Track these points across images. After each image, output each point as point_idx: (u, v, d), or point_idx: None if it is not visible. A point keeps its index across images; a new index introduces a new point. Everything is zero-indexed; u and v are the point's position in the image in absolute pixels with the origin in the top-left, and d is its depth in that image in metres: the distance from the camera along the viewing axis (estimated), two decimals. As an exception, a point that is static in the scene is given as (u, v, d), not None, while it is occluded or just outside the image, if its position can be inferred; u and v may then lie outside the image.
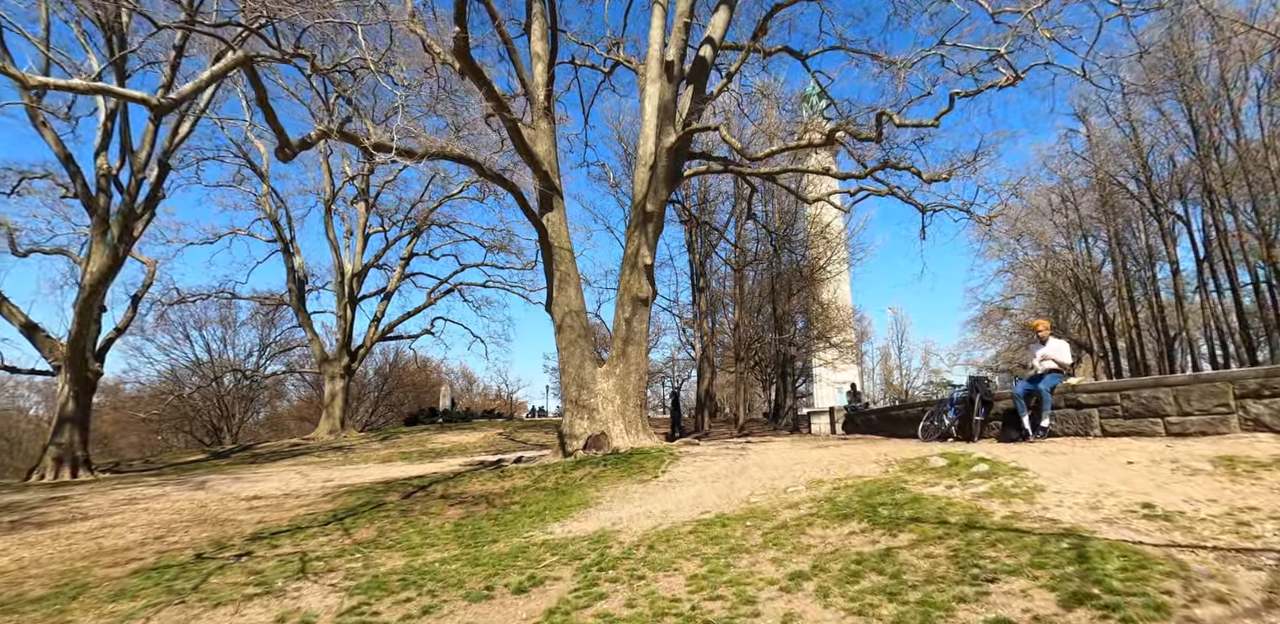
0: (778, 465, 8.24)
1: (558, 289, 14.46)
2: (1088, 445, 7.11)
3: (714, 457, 10.13)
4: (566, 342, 14.30)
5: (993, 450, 7.30)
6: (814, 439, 13.79)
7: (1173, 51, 24.20)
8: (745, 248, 23.62)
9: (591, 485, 8.69)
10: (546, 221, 14.48)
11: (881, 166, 12.93)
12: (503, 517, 7.40)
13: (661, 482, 8.21)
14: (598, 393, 14.12)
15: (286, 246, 28.62)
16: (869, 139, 10.74)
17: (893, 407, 12.38)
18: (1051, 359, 8.72)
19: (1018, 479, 5.13)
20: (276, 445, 28.32)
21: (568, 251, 14.65)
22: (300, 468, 17.56)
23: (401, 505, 8.94)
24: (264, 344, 35.79)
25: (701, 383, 25.11)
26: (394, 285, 30.71)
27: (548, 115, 15.07)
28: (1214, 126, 23.65)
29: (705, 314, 26.26)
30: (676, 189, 17.25)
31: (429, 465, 15.82)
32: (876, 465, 6.97)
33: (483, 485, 10.04)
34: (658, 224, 15.04)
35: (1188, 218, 25.57)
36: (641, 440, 14.16)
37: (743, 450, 11.39)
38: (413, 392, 41.30)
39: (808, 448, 10.32)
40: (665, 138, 14.12)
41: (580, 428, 13.77)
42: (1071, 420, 8.31)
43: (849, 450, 9.07)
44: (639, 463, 9.99)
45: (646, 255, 14.78)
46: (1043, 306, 34.16)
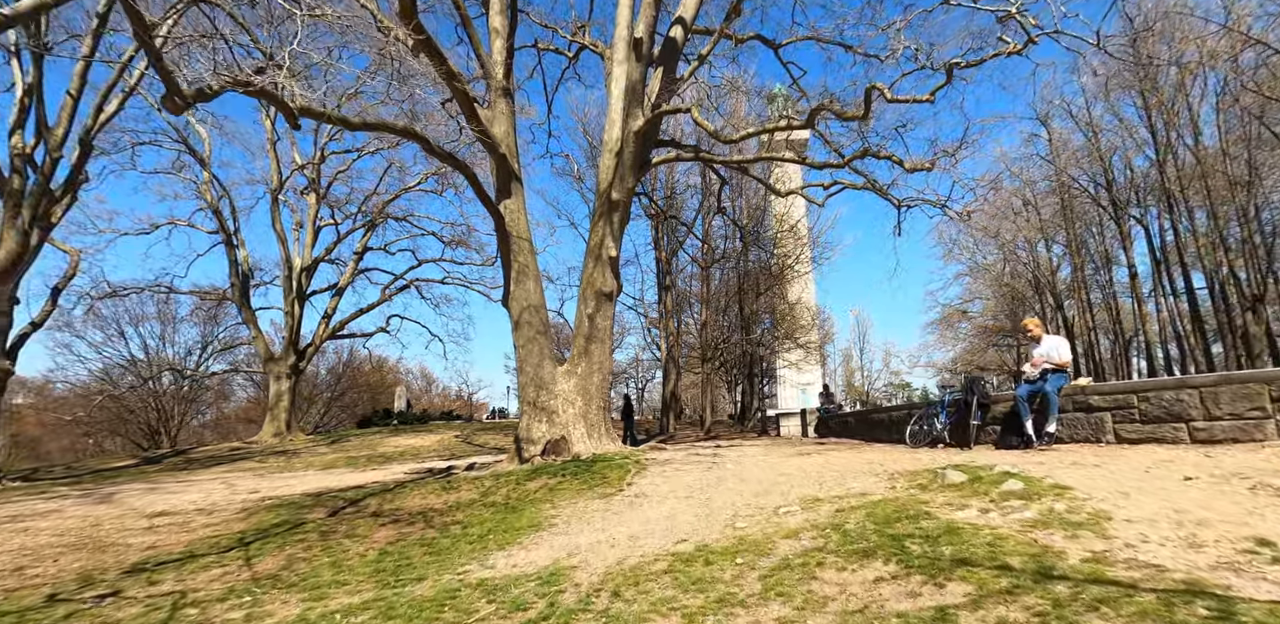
0: (759, 477, 7.14)
1: (515, 282, 13.18)
2: (1111, 454, 6.18)
3: (684, 465, 9.00)
4: (524, 338, 13.03)
5: (1004, 460, 6.32)
6: (788, 443, 12.79)
7: (1133, 55, 24.09)
8: (713, 244, 22.64)
9: (547, 500, 7.47)
10: (504, 209, 13.19)
11: (861, 154, 12.01)
12: (439, 542, 6.12)
13: (627, 496, 7.03)
14: (558, 394, 12.88)
15: (230, 238, 26.59)
16: (854, 118, 9.79)
17: (873, 409, 11.45)
18: (1050, 358, 7.82)
19: (1068, 501, 4.11)
20: (215, 450, 26.23)
21: (526, 242, 13.38)
22: (232, 476, 15.86)
23: (325, 525, 7.58)
24: (205, 342, 33.47)
25: (667, 384, 24.02)
26: (346, 281, 28.88)
27: (506, 95, 13.78)
28: (1171, 131, 23.58)
29: (671, 313, 25.20)
30: (644, 178, 16.11)
31: (373, 473, 14.34)
32: (877, 479, 5.92)
33: (423, 499, 8.72)
34: (624, 214, 13.88)
35: (1145, 222, 25.52)
36: (605, 445, 12.96)
37: (715, 456, 10.28)
38: (367, 392, 39.26)
39: (787, 455, 9.26)
40: (633, 121, 12.98)
41: (538, 432, 12.52)
42: (1081, 425, 7.41)
43: (835, 459, 8.03)
44: (601, 472, 8.79)
45: (611, 247, 13.60)
46: (1002, 310, 34.07)
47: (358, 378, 38.54)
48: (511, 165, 13.35)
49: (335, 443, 25.66)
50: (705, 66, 18.72)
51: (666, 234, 22.99)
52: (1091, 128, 26.03)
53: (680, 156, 13.71)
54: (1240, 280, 21.64)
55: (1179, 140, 23.29)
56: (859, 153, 12.11)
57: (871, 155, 12.01)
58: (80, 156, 18.88)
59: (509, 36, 14.12)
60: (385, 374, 40.45)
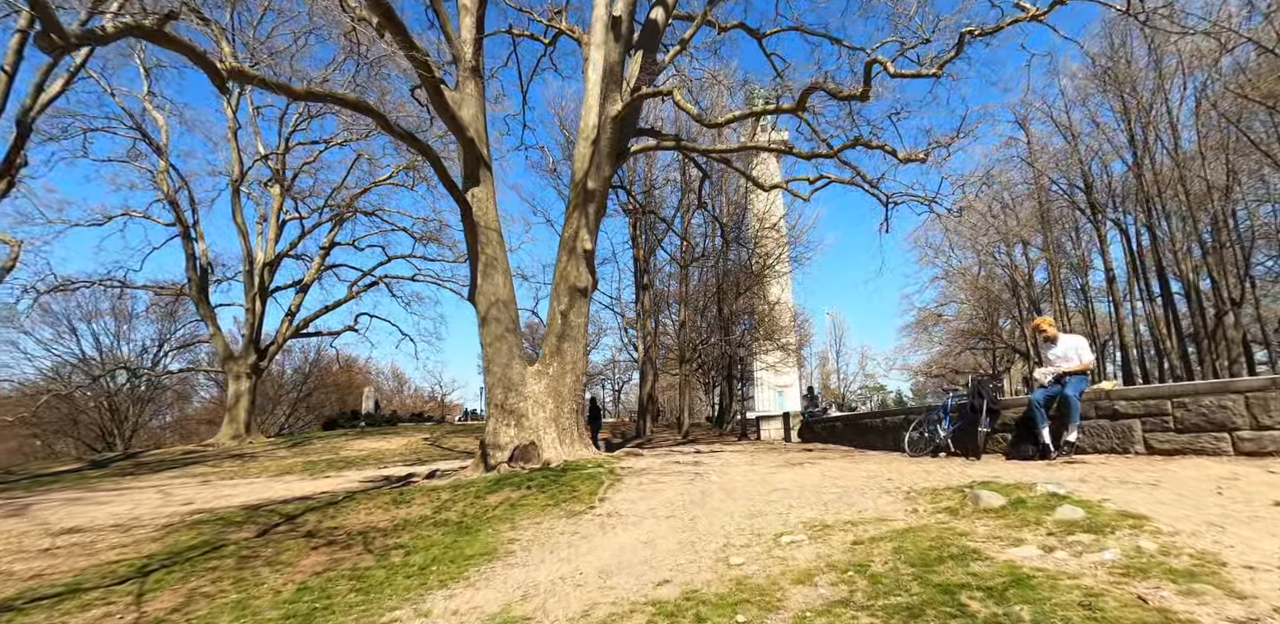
0: (750, 492, 6.19)
1: (483, 275, 12.11)
2: (1153, 469, 5.34)
3: (663, 476, 8.03)
4: (492, 336, 11.97)
5: (1031, 474, 5.45)
6: (773, 449, 11.89)
7: (1112, 58, 23.78)
8: (693, 242, 21.73)
9: (507, 519, 6.43)
10: (471, 197, 12.12)
11: (852, 144, 11.18)
12: (371, 574, 5.06)
13: (599, 515, 6.03)
14: (527, 396, 11.84)
15: (187, 231, 25.01)
16: (851, 97, 8.94)
17: (865, 413, 10.60)
18: (1070, 359, 6.97)
19: (1152, 537, 3.22)
20: (168, 453, 24.60)
21: (495, 232, 12.32)
22: (175, 483, 14.50)
23: (247, 548, 6.45)
24: (162, 339, 31.64)
25: (644, 386, 23.03)
26: (312, 277, 27.43)
27: (476, 76, 12.72)
28: (1150, 134, 23.28)
29: (649, 313, 24.23)
30: (621, 169, 15.14)
31: (327, 481, 13.13)
32: (891, 498, 5.00)
33: (369, 515, 7.62)
34: (600, 205, 12.89)
35: (1123, 226, 25.22)
36: (578, 451, 11.94)
37: (696, 465, 9.33)
38: (335, 393, 37.63)
39: (776, 464, 8.34)
40: (610, 106, 11.98)
41: (506, 437, 11.46)
42: (1105, 434, 6.58)
43: (832, 470, 7.11)
44: (571, 484, 7.78)
45: (586, 239, 12.60)
46: (977, 313, 33.70)
47: (325, 378, 36.90)
48: (480, 151, 12.29)
49: (296, 446, 24.21)
50: (687, 59, 17.86)
51: (645, 231, 22.03)
52: (1070, 131, 25.70)
53: (660, 145, 12.77)
54: (1217, 285, 21.33)
55: (1157, 143, 23.00)
56: (849, 142, 11.28)
57: (863, 145, 11.18)
58: (18, 138, 17.36)
59: (479, 12, 13.06)
60: (354, 374, 38.82)
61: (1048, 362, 7.14)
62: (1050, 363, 7.07)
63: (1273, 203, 22.86)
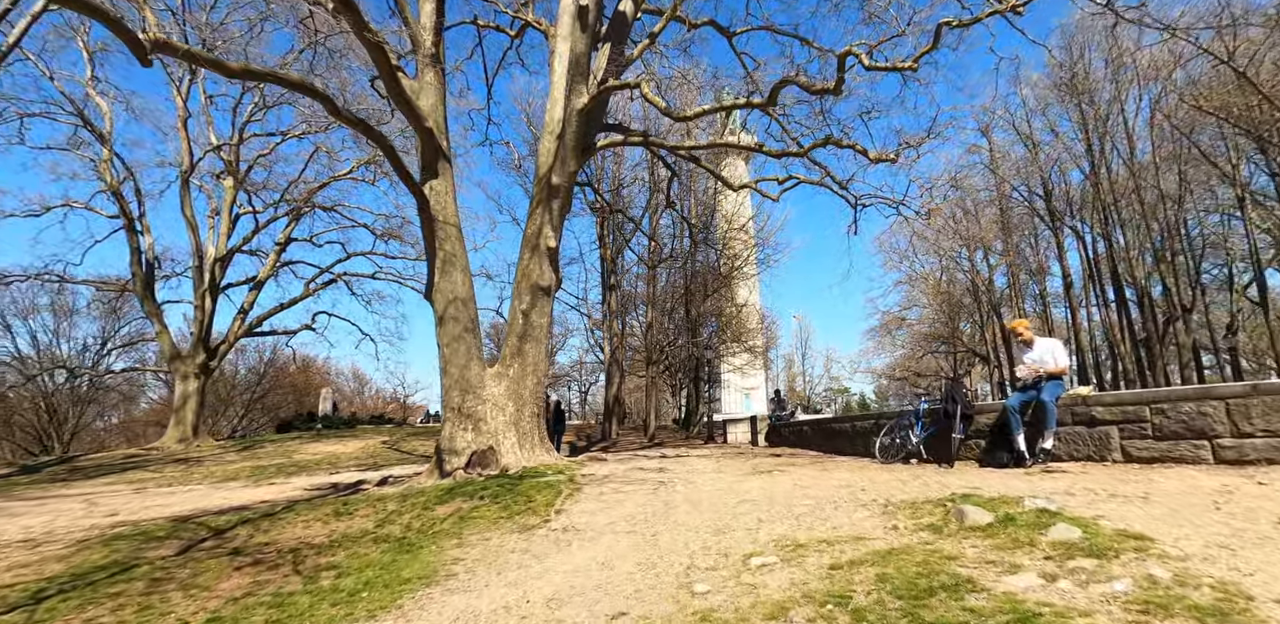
0: (716, 503, 5.77)
1: (440, 272, 11.51)
2: (1136, 479, 5.07)
3: (626, 485, 7.56)
4: (450, 336, 11.38)
5: (1013, 485, 5.14)
6: (739, 454, 11.51)
7: (1070, 69, 24.15)
8: (661, 242, 21.34)
9: (454, 534, 5.90)
10: (429, 190, 11.52)
11: (823, 143, 10.89)
12: (296, 600, 4.49)
13: (554, 530, 5.54)
14: (486, 399, 11.28)
15: (132, 224, 23.67)
16: (824, 92, 8.62)
17: (833, 418, 10.30)
18: (1045, 364, 6.71)
19: (1161, 562, 2.88)
20: (108, 457, 23.24)
21: (454, 227, 11.72)
22: (106, 490, 13.50)
23: (162, 568, 5.79)
24: (105, 337, 30.00)
25: (610, 388, 22.54)
26: (267, 273, 26.26)
27: (435, 65, 12.11)
28: (1107, 144, 23.69)
29: (615, 314, 23.77)
30: (588, 166, 14.67)
31: (271, 488, 12.34)
32: (867, 513, 4.62)
33: (306, 528, 6.99)
34: (565, 201, 12.39)
35: (1080, 233, 25.64)
36: (538, 456, 11.41)
37: (661, 472, 8.88)
38: (292, 394, 36.20)
39: (743, 472, 7.94)
40: (576, 98, 11.49)
41: (462, 442, 10.88)
42: (1081, 441, 6.33)
43: (803, 479, 6.74)
44: (527, 494, 7.26)
45: (550, 236, 12.09)
46: (939, 318, 34.03)
47: (281, 378, 35.48)
48: (439, 142, 11.69)
49: (247, 450, 23.08)
50: (656, 57, 17.47)
51: (612, 231, 21.57)
52: (1031, 140, 26.07)
53: (627, 141, 12.33)
54: (1169, 291, 21.76)
55: (1113, 152, 23.42)
56: (820, 141, 11.00)
57: (834, 144, 10.90)
58: (-61, 120, 16.12)
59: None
60: (312, 375, 37.43)
61: (1023, 364, 6.88)
62: (1025, 365, 6.82)
63: (1221, 213, 23.47)
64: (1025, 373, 6.71)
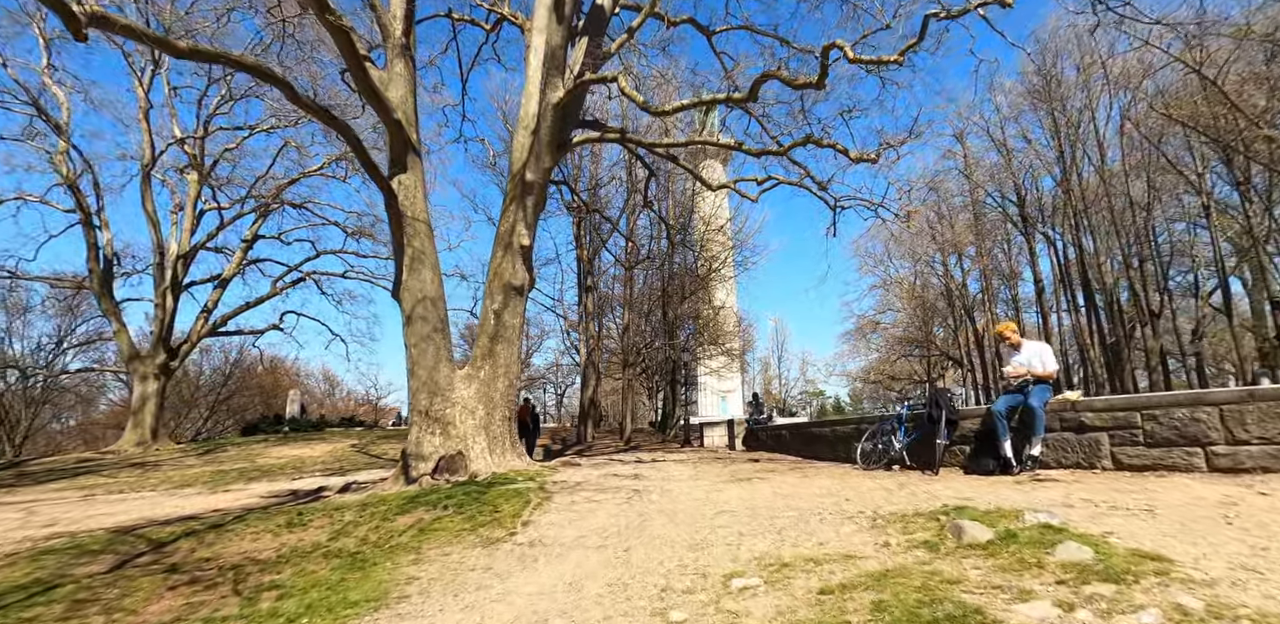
0: (693, 514, 5.42)
1: (409, 270, 11.03)
2: (1133, 488, 4.82)
3: (599, 493, 7.17)
4: (418, 337, 10.89)
5: (1001, 494, 4.86)
6: (717, 458, 11.18)
7: (1043, 76, 24.36)
8: (638, 243, 20.98)
9: (412, 548, 5.46)
10: (398, 185, 11.02)
11: (803, 142, 10.65)
12: (227, 627, 4.02)
13: (519, 545, 5.13)
14: (455, 402, 10.81)
15: (88, 218, 22.68)
16: (807, 86, 8.34)
17: (812, 422, 10.02)
18: (1033, 368, 6.47)
19: (1191, 588, 2.58)
20: (60, 461, 22.16)
21: (423, 224, 11.24)
22: (49, 498, 12.71)
23: (88, 588, 5.25)
24: (61, 336, 28.73)
25: (585, 390, 22.09)
26: (232, 271, 25.36)
27: (405, 55, 11.63)
28: (1077, 151, 23.92)
29: (592, 316, 23.35)
30: (563, 159, 14.27)
31: (227, 495, 11.69)
32: (855, 526, 4.30)
33: (254, 541, 6.48)
34: (539, 198, 11.98)
35: (1052, 239, 25.88)
36: (509, 462, 10.96)
37: (636, 479, 8.51)
38: (259, 396, 35.09)
39: (722, 479, 7.60)
40: (552, 92, 11.13)
41: (430, 446, 10.40)
42: (1070, 447, 6.10)
43: (783, 486, 6.41)
44: (494, 503, 6.84)
45: (524, 234, 11.66)
46: (913, 322, 34.18)
47: (249, 380, 34.36)
48: (408, 135, 11.20)
49: (208, 453, 22.19)
50: (635, 55, 17.16)
51: (589, 231, 21.17)
52: (1004, 146, 26.26)
53: (604, 137, 11.97)
54: (1137, 297, 22.00)
55: (1084, 159, 23.65)
56: (800, 140, 10.75)
57: (814, 143, 10.66)
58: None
59: (411, -14, 11.98)
60: (280, 376, 36.30)
61: (1010, 368, 6.62)
62: (1011, 368, 6.57)
63: (1187, 221, 23.83)
64: (1012, 375, 6.47)
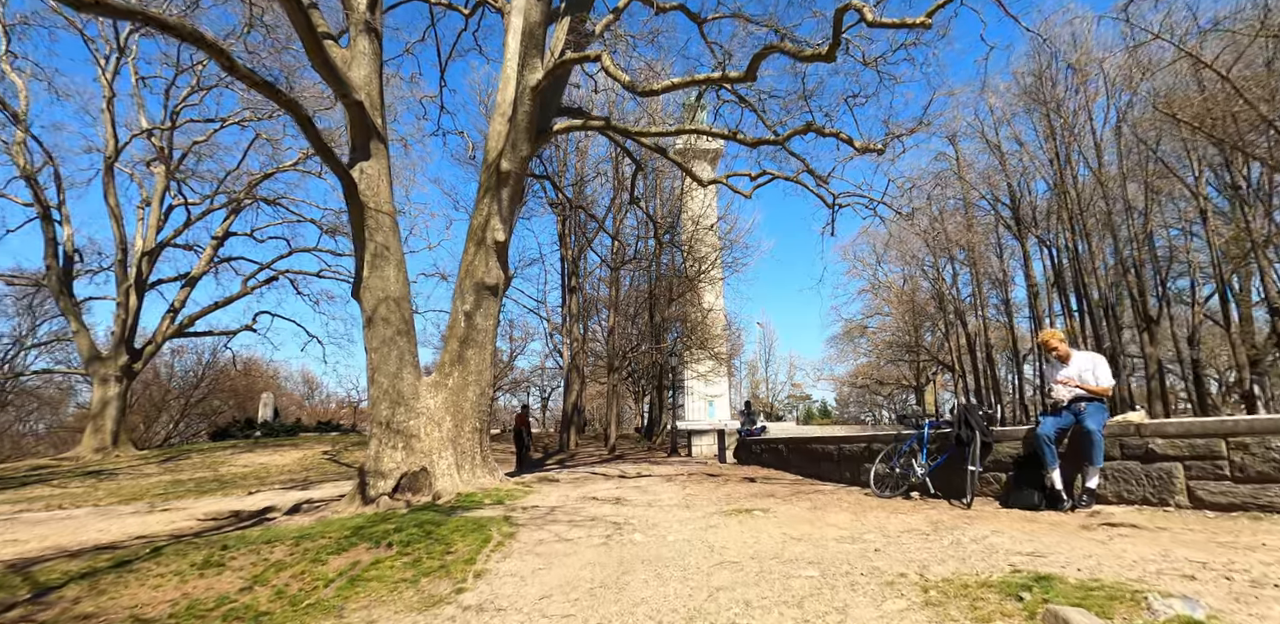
0: (685, 566, 4.30)
1: (370, 267, 9.85)
2: (1234, 537, 3.77)
3: (573, 527, 6.03)
4: (380, 340, 9.71)
5: (1087, 549, 3.79)
6: (708, 476, 10.06)
7: (1038, 77, 23.59)
8: (624, 242, 19.88)
9: (331, 608, 4.29)
10: (358, 172, 9.85)
11: (803, 130, 9.60)
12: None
13: (465, 609, 3.99)
14: (420, 412, 9.66)
15: (48, 213, 21.22)
16: (816, 58, 7.28)
17: (815, 437, 8.96)
18: (1085, 382, 5.40)
19: None
20: (11, 468, 20.63)
21: (388, 216, 10.07)
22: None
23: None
24: (19, 336, 27.09)
25: (569, 396, 20.93)
26: (201, 269, 23.94)
27: (370, 33, 10.46)
28: (1072, 154, 23.15)
29: (576, 318, 22.20)
30: (543, 148, 13.14)
31: (163, 516, 10.40)
32: (900, 599, 3.20)
33: (153, 590, 5.28)
34: (516, 189, 10.84)
35: (1048, 242, 25.07)
36: (478, 479, 9.81)
37: (617, 504, 7.38)
38: (233, 399, 33.55)
39: (716, 508, 6.47)
40: (530, 74, 9.98)
41: (391, 462, 9.24)
42: (1134, 480, 5.04)
43: (791, 523, 5.31)
44: (448, 539, 5.69)
45: (499, 229, 10.52)
46: (904, 326, 33.33)
47: (223, 382, 32.83)
48: (372, 119, 10.03)
49: (170, 461, 20.79)
50: (624, 47, 16.08)
51: (574, 230, 20.04)
52: (999, 149, 25.47)
53: (586, 125, 10.85)
54: (1136, 303, 21.21)
55: (1080, 162, 22.88)
56: (800, 128, 9.70)
57: (815, 131, 9.63)
58: None
59: (376, -44, 10.81)
60: (256, 378, 34.79)
61: (1055, 383, 5.55)
62: (1058, 384, 5.49)
63: (1181, 225, 23.11)
64: (1061, 393, 5.40)
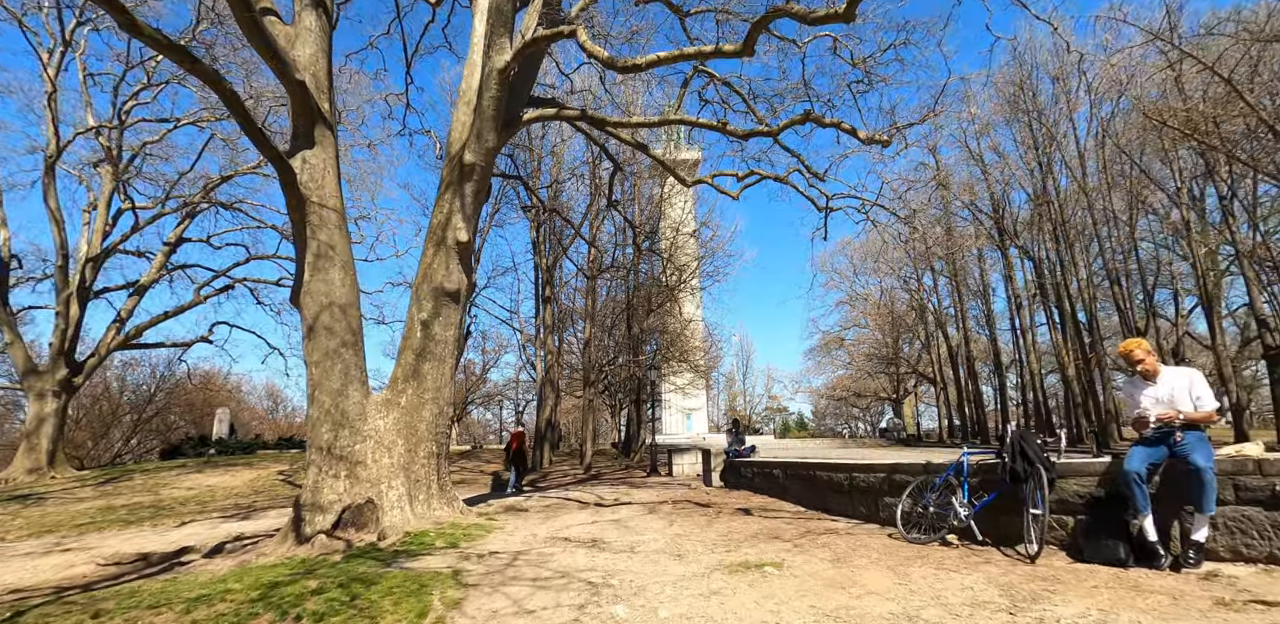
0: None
1: (312, 269, 8.46)
2: None
3: (539, 591, 4.72)
4: (322, 352, 8.30)
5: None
6: (697, 508, 8.77)
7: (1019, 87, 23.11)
8: (602, 250, 18.65)
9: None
10: (300, 162, 8.49)
11: (801, 119, 8.53)
12: None
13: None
14: (367, 435, 8.25)
15: (-22, 216, 19.38)
16: (831, 19, 6.20)
17: (819, 464, 7.70)
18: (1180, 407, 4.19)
19: None
20: (-72, 493, 18.53)
21: (334, 212, 8.70)
22: None
23: None
24: (-50, 349, 24.80)
25: (542, 411, 19.53)
26: (151, 277, 22.12)
27: (318, 8, 9.17)
28: (1054, 165, 22.62)
29: (551, 330, 20.86)
30: (511, 140, 11.93)
31: (62, 558, 8.78)
32: None
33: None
34: (481, 184, 9.56)
35: (1032, 252, 24.47)
36: (434, 511, 8.44)
37: (593, 548, 6.06)
38: (190, 414, 31.40)
39: (715, 559, 5.21)
40: (498, 55, 8.75)
41: (332, 494, 7.81)
42: (1258, 532, 3.89)
43: (816, 587, 4.07)
44: (373, 612, 4.35)
45: (461, 228, 9.23)
46: (883, 339, 32.53)
47: (178, 396, 30.70)
48: (317, 102, 8.69)
49: (109, 483, 18.86)
50: (600, 43, 15.01)
51: (549, 237, 18.79)
52: (980, 159, 24.92)
53: (560, 114, 9.67)
54: (1124, 313, 20.58)
55: (1063, 173, 22.36)
56: (798, 117, 8.63)
57: (814, 121, 8.57)
58: None
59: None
60: (215, 392, 32.66)
61: (1140, 408, 4.37)
62: (1147, 410, 4.30)
63: (1164, 237, 22.65)
64: (1162, 415, 4.17)
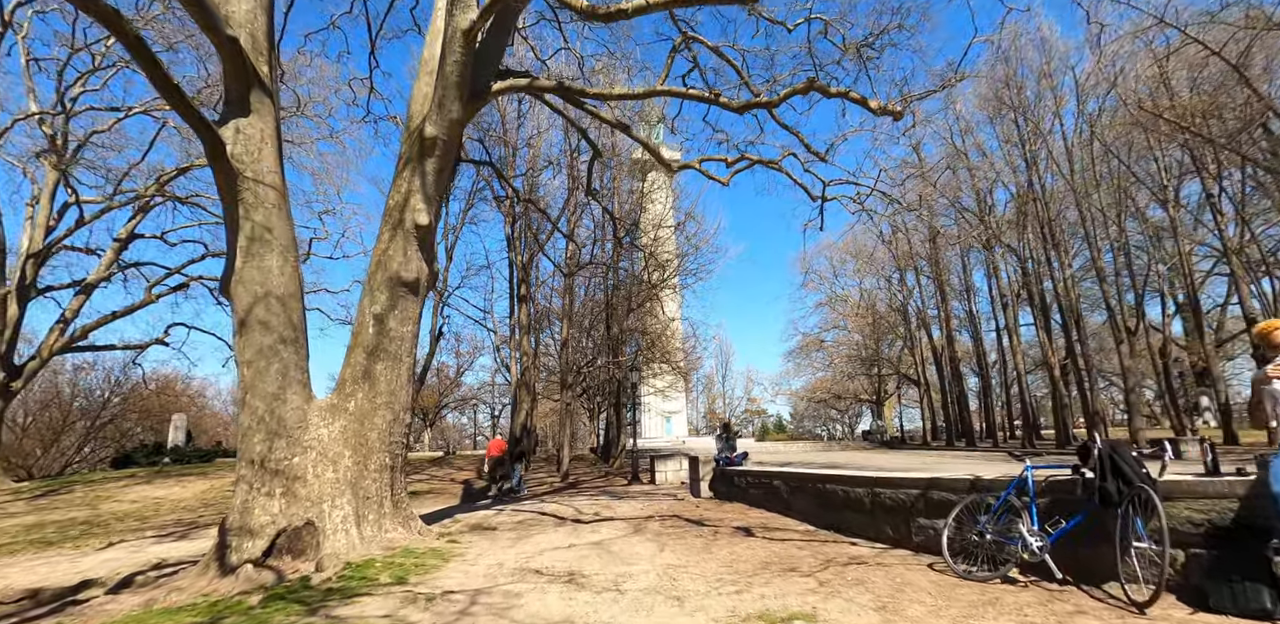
0: None
1: (245, 254, 7.18)
2: None
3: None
4: (255, 350, 7.03)
5: None
6: (689, 527, 7.63)
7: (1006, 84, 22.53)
8: (580, 245, 17.51)
9: None
10: (232, 132, 7.22)
11: (804, 88, 7.53)
12: None
13: None
14: (308, 446, 7.00)
15: (-97, 207, 17.55)
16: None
17: (830, 476, 6.57)
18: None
19: None
20: None
21: (273, 189, 7.43)
22: None
23: None
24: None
25: (517, 415, 18.26)
26: (100, 275, 20.42)
27: (259, -42, 7.95)
28: (1041, 164, 22.05)
29: (527, 330, 19.63)
30: (477, 113, 10.79)
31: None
32: None
33: None
34: (444, 161, 8.35)
35: (1019, 252, 23.86)
36: (386, 532, 7.20)
37: (569, 589, 4.91)
38: (148, 420, 29.46)
39: (726, 608, 4.09)
40: (462, 14, 7.59)
41: (264, 515, 6.54)
42: None
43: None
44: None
45: (421, 209, 8.03)
46: (864, 341, 31.80)
47: (134, 402, 28.79)
48: (254, 65, 7.41)
49: (48, 495, 17.19)
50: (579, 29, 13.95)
51: (524, 233, 17.60)
52: (965, 159, 24.29)
53: (534, 85, 8.55)
54: (1113, 313, 19.99)
55: (1049, 173, 21.78)
56: (800, 86, 7.63)
57: (818, 91, 7.58)
58: None
59: None
60: (173, 397, 30.75)
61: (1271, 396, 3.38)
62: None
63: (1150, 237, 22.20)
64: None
